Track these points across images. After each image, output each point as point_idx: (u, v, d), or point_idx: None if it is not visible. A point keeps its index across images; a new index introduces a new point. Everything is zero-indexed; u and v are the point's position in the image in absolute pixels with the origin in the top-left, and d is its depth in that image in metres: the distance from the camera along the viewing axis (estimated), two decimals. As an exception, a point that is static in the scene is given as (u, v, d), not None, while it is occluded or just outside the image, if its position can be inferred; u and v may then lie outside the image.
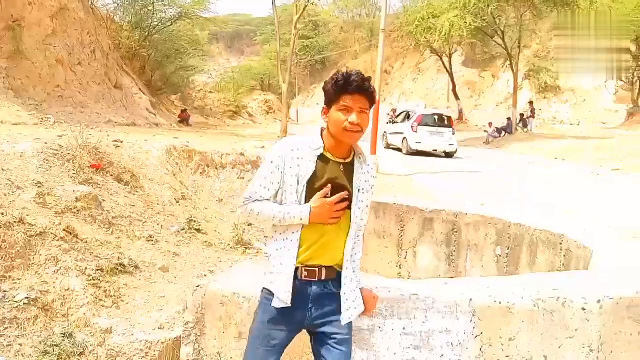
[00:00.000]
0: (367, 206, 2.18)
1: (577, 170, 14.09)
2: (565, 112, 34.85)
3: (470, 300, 2.46)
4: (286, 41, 26.83)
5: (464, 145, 23.38)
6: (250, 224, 6.68)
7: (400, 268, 5.35)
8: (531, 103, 28.66)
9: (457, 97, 34.49)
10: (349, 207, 2.10)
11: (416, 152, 18.32)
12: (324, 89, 2.12)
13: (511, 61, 26.66)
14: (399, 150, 19.24)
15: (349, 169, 2.12)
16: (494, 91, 39.85)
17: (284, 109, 23.25)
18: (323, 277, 2.11)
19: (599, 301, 2.56)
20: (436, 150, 18.46)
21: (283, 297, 2.05)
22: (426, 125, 18.45)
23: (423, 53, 37.66)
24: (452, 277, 4.52)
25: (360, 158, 2.17)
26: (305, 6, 22.24)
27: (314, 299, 2.10)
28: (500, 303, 2.47)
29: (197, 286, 2.52)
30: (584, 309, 2.54)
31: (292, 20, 22.31)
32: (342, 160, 2.12)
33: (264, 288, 2.14)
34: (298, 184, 2.05)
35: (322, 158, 2.08)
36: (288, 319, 2.09)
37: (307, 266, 2.08)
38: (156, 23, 27.44)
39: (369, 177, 2.17)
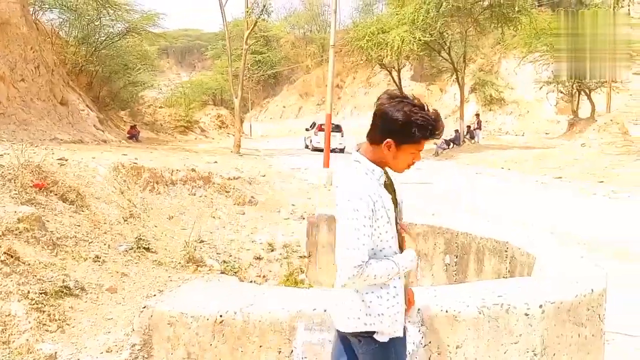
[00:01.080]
0: None
1: (522, 179, 14.62)
2: (510, 123, 36.19)
3: (418, 310, 2.51)
4: (238, 56, 26.75)
5: (415, 157, 23.82)
6: (202, 241, 6.60)
7: (353, 280, 5.38)
8: (477, 115, 29.63)
9: (407, 111, 35.16)
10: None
11: (317, 149, 25.85)
12: (399, 124, 1.98)
13: (457, 75, 27.49)
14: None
15: (391, 182, 2.18)
16: (442, 104, 40.93)
17: (236, 124, 23.14)
18: None
19: (540, 306, 2.65)
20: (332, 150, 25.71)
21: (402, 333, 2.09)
22: (323, 131, 24.90)
23: (373, 68, 38.33)
24: (403, 288, 4.57)
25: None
26: (256, 22, 22.30)
27: None
28: (446, 312, 2.53)
29: (144, 307, 2.47)
30: (527, 315, 2.62)
31: (243, 36, 22.32)
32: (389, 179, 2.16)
33: (391, 338, 2.05)
34: (389, 217, 2.03)
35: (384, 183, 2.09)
36: None
37: None
38: (103, 38, 26.92)
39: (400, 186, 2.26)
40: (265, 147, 29.57)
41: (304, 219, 7.76)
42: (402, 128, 1.98)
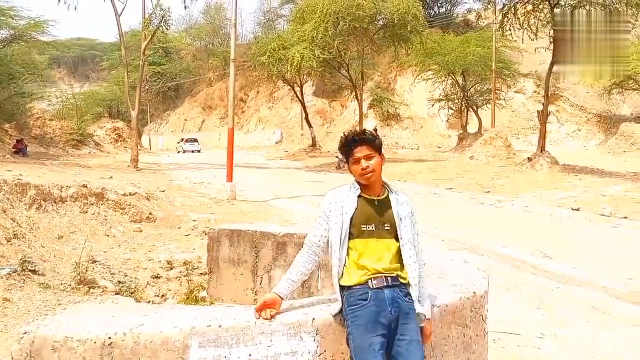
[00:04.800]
0: (412, 226, 2.61)
1: (417, 191, 15.29)
2: (406, 138, 38.02)
3: (313, 319, 2.56)
4: (135, 67, 25.87)
5: (319, 170, 24.28)
6: (95, 262, 6.27)
7: (256, 294, 5.36)
8: (376, 130, 30.61)
9: (310, 125, 35.74)
10: (395, 237, 2.55)
11: (184, 151, 41.95)
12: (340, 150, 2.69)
13: (356, 92, 28.44)
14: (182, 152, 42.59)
15: (384, 203, 2.55)
16: (343, 119, 42.11)
17: (134, 137, 22.29)
18: None
19: (429, 310, 2.80)
20: (192, 151, 41.71)
21: None
22: (188, 142, 44.02)
23: (276, 83, 38.67)
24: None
25: (394, 193, 2.62)
26: (154, 33, 21.72)
27: None
28: (340, 320, 2.60)
29: (25, 333, 2.31)
30: (415, 318, 2.75)
31: (141, 47, 21.65)
32: (376, 198, 2.55)
33: None
34: (343, 222, 2.50)
35: (360, 198, 2.54)
36: None
37: None
38: (-15, 45, 24.97)
39: (405, 207, 2.60)
40: (165, 162, 28.69)
41: (206, 234, 7.62)
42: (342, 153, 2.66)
